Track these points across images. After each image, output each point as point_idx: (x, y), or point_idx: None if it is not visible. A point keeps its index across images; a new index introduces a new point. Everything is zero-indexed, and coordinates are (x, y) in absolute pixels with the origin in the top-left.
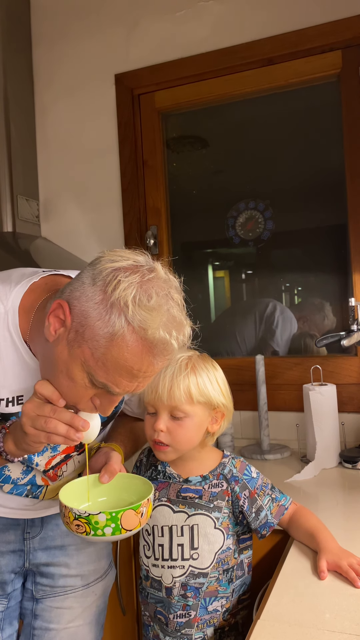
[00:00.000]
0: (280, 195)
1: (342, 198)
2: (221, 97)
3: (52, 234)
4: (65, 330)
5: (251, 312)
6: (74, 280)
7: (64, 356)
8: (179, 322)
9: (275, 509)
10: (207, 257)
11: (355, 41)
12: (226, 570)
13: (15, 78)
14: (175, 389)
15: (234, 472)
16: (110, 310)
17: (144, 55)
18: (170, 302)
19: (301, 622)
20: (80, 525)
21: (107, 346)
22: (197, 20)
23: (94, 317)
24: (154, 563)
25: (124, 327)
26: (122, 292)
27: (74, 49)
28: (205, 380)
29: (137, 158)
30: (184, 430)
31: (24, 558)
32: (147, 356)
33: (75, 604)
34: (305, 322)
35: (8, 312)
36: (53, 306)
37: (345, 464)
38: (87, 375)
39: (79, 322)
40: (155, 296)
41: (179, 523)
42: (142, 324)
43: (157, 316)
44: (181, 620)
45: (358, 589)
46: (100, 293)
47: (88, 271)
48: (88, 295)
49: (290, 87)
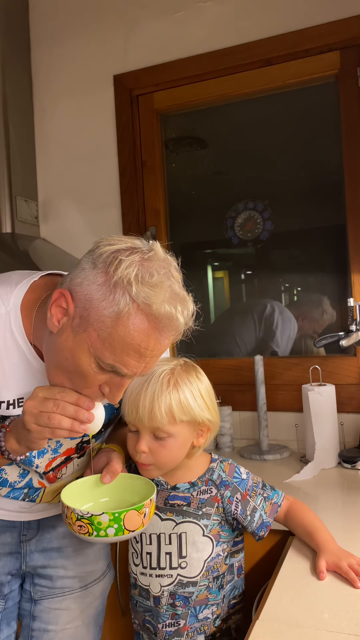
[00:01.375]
0: (279, 195)
1: (340, 198)
2: (220, 97)
3: (51, 235)
4: (69, 318)
5: (250, 313)
6: (72, 270)
7: (69, 344)
8: (182, 298)
9: (269, 508)
10: (206, 257)
11: (353, 42)
12: (216, 578)
13: (14, 79)
14: (157, 409)
15: (223, 477)
16: (114, 290)
17: (142, 56)
18: (171, 278)
19: (300, 622)
20: (83, 526)
21: (113, 326)
22: (196, 21)
23: (98, 298)
24: (142, 571)
25: (129, 304)
26: (124, 271)
27: (72, 50)
28: (188, 396)
29: (136, 159)
30: (166, 451)
31: (20, 560)
32: (153, 332)
33: (73, 605)
34: (305, 319)
35: (10, 313)
36: (54, 296)
37: (344, 464)
38: (95, 359)
39: (82, 306)
40: (157, 274)
41: (166, 531)
42: (146, 300)
43: (161, 292)
44: (170, 629)
45: (357, 589)
46: (102, 275)
47: (87, 257)
48: (90, 279)
49: (289, 87)
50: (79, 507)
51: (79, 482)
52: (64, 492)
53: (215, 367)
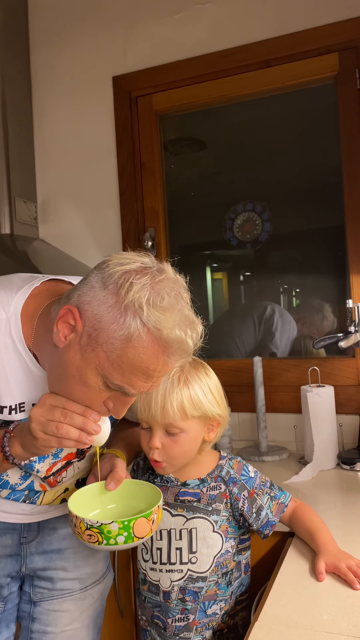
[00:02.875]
0: (278, 197)
1: (339, 200)
2: (218, 99)
3: (50, 236)
4: (77, 336)
5: (250, 314)
6: (80, 285)
7: (76, 361)
8: (192, 321)
9: (275, 507)
10: (205, 258)
11: (352, 43)
12: (225, 574)
13: (13, 80)
14: (169, 406)
15: (231, 474)
16: (125, 313)
17: (141, 57)
18: (181, 301)
19: (299, 623)
20: (93, 535)
21: (122, 348)
22: (195, 23)
23: (108, 320)
24: (152, 567)
25: (139, 328)
26: (135, 294)
27: (71, 52)
28: (199, 392)
29: (135, 160)
30: (179, 446)
31: (20, 562)
32: (162, 356)
33: (72, 606)
34: (304, 324)
35: (10, 319)
36: (62, 312)
37: (343, 466)
38: (102, 378)
39: (91, 326)
40: (167, 297)
41: (177, 527)
42: (157, 325)
43: (171, 316)
44: (180, 624)
45: (356, 590)
46: (113, 296)
47: (96, 275)
48: (100, 299)
49: (288, 89)
50: (86, 515)
51: (84, 490)
52: (70, 500)
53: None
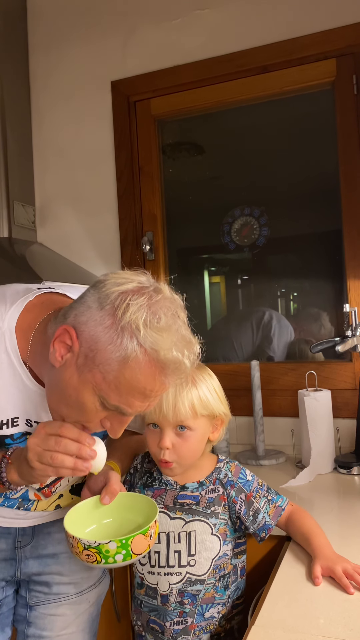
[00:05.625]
0: (276, 201)
1: (336, 204)
2: (217, 104)
3: (48, 240)
4: (73, 356)
5: (248, 320)
6: (77, 304)
7: (73, 381)
8: (189, 341)
9: (272, 511)
10: (202, 262)
11: (349, 49)
12: (222, 577)
13: (12, 84)
14: (180, 405)
15: (229, 477)
16: (122, 334)
17: (140, 62)
18: (178, 321)
19: (295, 627)
20: (91, 555)
21: (119, 369)
22: (193, 29)
23: (105, 341)
24: (150, 570)
25: (136, 349)
26: (132, 315)
27: (70, 56)
28: (206, 391)
29: (133, 164)
30: (188, 444)
31: (15, 567)
32: (159, 376)
33: (68, 611)
34: (302, 332)
35: (5, 334)
36: (58, 332)
37: (340, 470)
38: (99, 398)
39: (88, 346)
40: (164, 317)
41: (176, 530)
42: (154, 346)
43: (168, 337)
44: (178, 627)
45: (351, 594)
46: (110, 317)
47: (92, 295)
48: (96, 320)
49: (285, 94)
50: (82, 530)
51: (79, 506)
52: (66, 519)
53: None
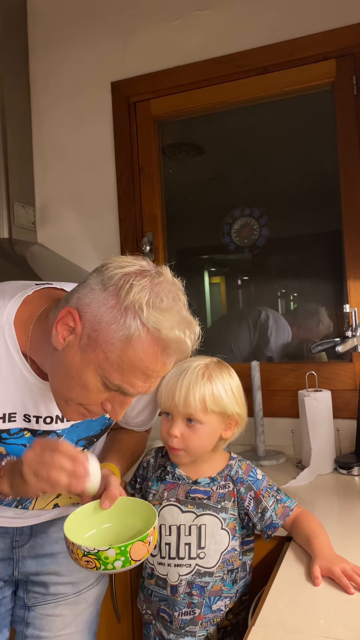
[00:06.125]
0: (276, 202)
1: (336, 205)
2: (217, 104)
3: (48, 241)
4: (76, 337)
5: (245, 320)
6: (79, 288)
7: (75, 362)
8: (190, 322)
9: (280, 510)
10: (203, 263)
11: (349, 50)
12: (230, 571)
13: (12, 85)
14: (191, 397)
15: (240, 474)
16: (125, 314)
17: (140, 63)
18: (179, 303)
19: (296, 628)
20: (90, 561)
21: (122, 348)
22: (193, 29)
23: (108, 320)
24: (160, 561)
25: (139, 328)
26: (135, 296)
27: (70, 57)
28: (220, 389)
29: (133, 165)
30: (197, 436)
31: (13, 566)
32: (161, 356)
33: (66, 611)
34: (300, 328)
35: (4, 327)
36: (61, 314)
37: (340, 470)
38: (101, 378)
39: (91, 327)
40: (166, 299)
41: (187, 523)
42: (156, 325)
43: (170, 317)
44: (186, 617)
45: (351, 595)
46: (113, 297)
47: (95, 278)
48: (100, 301)
49: (285, 95)
50: (82, 535)
51: (78, 511)
52: (66, 524)
53: None
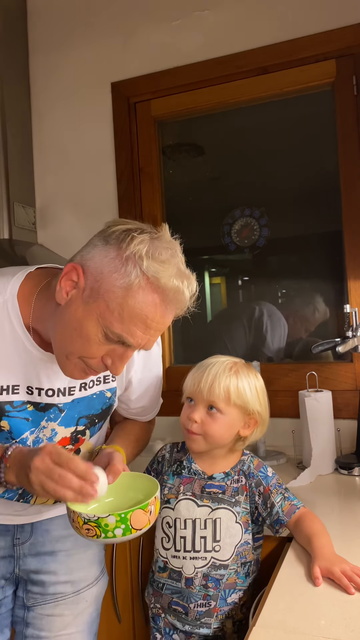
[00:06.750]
0: (276, 202)
1: (337, 205)
2: (217, 105)
3: (48, 241)
4: (79, 291)
5: (239, 318)
6: (83, 247)
7: (78, 314)
8: (188, 275)
9: (287, 507)
10: (203, 263)
11: (349, 50)
12: (244, 564)
13: (12, 85)
14: (216, 386)
15: (251, 469)
16: (126, 263)
17: (140, 63)
18: (177, 257)
19: (297, 628)
20: (91, 529)
21: (123, 296)
22: (193, 30)
23: (110, 270)
24: (175, 554)
25: (139, 277)
26: (136, 247)
27: (70, 57)
28: (245, 385)
29: (134, 165)
30: (216, 425)
31: (13, 564)
32: (161, 304)
33: (66, 611)
34: (296, 319)
35: (7, 302)
36: (66, 269)
37: (341, 470)
38: (102, 329)
39: (93, 278)
40: (165, 253)
41: (202, 516)
42: (156, 274)
43: (169, 268)
44: (201, 609)
45: (351, 595)
46: (115, 249)
47: (98, 236)
48: (102, 254)
49: (285, 95)
50: (84, 509)
51: None
52: None
53: None
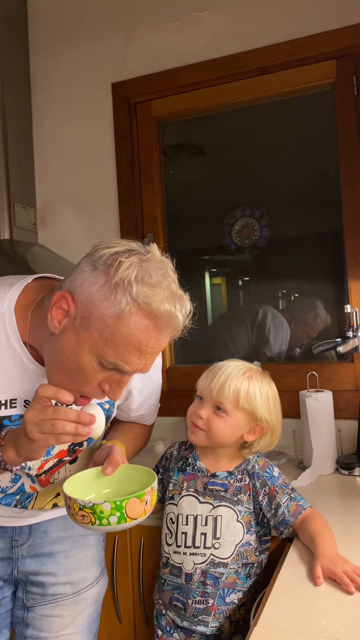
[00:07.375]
0: (276, 202)
1: (337, 205)
2: (217, 105)
3: (49, 242)
4: (70, 319)
5: (242, 319)
6: (72, 272)
7: (70, 344)
8: (180, 296)
9: (293, 508)
10: (203, 264)
11: (349, 51)
12: (245, 565)
13: (12, 86)
14: (226, 387)
15: (256, 469)
16: (115, 290)
17: (140, 64)
18: (168, 278)
19: (298, 629)
20: (86, 516)
21: (115, 325)
22: (193, 30)
23: (100, 298)
24: (176, 550)
25: (130, 304)
26: (124, 272)
27: (71, 58)
28: (257, 391)
29: (134, 166)
30: (220, 425)
31: (12, 566)
32: (154, 330)
33: (65, 611)
34: (298, 324)
35: (4, 315)
36: (55, 298)
37: (341, 471)
38: (96, 358)
39: (83, 307)
40: (155, 274)
41: (204, 513)
42: (146, 300)
43: (160, 291)
44: (199, 606)
45: (352, 594)
46: (103, 276)
47: (86, 260)
48: (90, 281)
49: (286, 95)
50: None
51: (80, 474)
52: (65, 484)
53: None
